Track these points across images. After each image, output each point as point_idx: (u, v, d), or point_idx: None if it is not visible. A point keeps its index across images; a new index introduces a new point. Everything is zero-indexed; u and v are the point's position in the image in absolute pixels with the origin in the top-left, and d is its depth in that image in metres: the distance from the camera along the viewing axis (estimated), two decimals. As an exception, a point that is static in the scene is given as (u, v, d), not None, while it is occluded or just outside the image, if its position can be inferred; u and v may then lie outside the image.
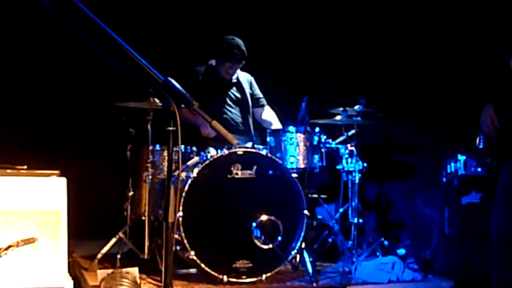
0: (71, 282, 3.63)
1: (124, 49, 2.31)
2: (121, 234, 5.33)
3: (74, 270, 5.11)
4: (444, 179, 5.77)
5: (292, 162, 5.35)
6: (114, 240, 5.32)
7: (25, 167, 3.64)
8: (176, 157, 4.59)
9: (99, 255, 5.25)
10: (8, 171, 3.57)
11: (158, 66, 2.44)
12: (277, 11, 7.01)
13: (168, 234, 2.32)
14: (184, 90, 2.38)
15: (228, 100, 5.99)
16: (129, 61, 2.40)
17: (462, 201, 5.47)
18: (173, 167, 5.61)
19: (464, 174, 5.50)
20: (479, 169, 5.40)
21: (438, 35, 6.43)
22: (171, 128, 2.33)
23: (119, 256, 5.25)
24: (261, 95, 6.27)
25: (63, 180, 3.53)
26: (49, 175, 3.56)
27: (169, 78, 2.37)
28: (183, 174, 5.06)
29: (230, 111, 5.92)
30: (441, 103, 6.40)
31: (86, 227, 5.43)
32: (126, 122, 5.58)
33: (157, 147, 5.52)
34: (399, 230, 6.87)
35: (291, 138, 5.38)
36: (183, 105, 2.36)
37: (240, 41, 5.92)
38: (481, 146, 5.00)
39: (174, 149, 2.40)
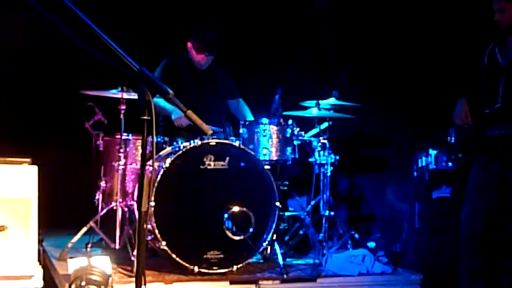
0: (41, 270, 3.61)
1: (99, 36, 2.29)
2: (92, 224, 5.31)
3: (44, 259, 5.06)
4: (415, 173, 5.81)
5: (264, 154, 5.35)
6: (85, 229, 5.30)
7: (-4, 154, 3.61)
8: (150, 147, 4.60)
9: (70, 244, 5.22)
10: (-21, 158, 3.54)
11: (132, 56, 2.43)
12: (252, 1, 7.00)
13: (141, 223, 2.31)
14: (159, 80, 2.37)
15: (202, 90, 5.98)
16: (103, 49, 2.39)
17: (433, 195, 5.52)
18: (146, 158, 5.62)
19: (435, 169, 5.54)
20: (450, 164, 5.44)
21: (411, 28, 6.45)
22: (145, 117, 2.32)
23: (89, 245, 5.23)
24: (234, 87, 6.28)
25: (35, 168, 3.51)
26: (20, 163, 3.53)
27: (144, 68, 2.35)
28: (155, 164, 5.05)
29: (204, 102, 5.89)
30: (413, 97, 6.43)
31: (57, 215, 5.40)
32: (98, 111, 5.54)
33: (130, 136, 5.50)
34: (370, 223, 6.91)
35: (264, 130, 5.39)
36: (157, 95, 2.36)
37: (214, 33, 5.92)
38: (452, 141, 5.04)
39: (148, 139, 2.38)
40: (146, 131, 2.29)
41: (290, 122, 5.52)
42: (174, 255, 4.78)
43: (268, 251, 5.37)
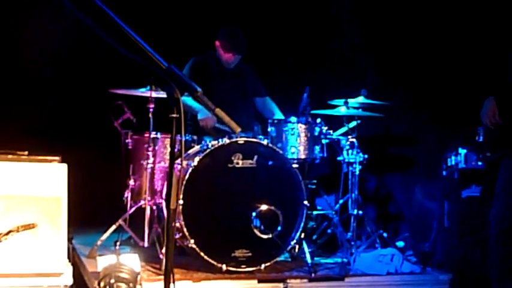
0: (70, 268, 3.64)
1: (128, 35, 2.30)
2: (121, 222, 5.34)
3: (73, 256, 5.12)
4: (444, 172, 5.77)
5: (293, 153, 5.35)
6: (114, 227, 5.33)
7: (26, 152, 3.65)
8: (178, 145, 4.60)
9: (99, 242, 5.25)
10: (9, 156, 3.58)
11: (160, 54, 2.44)
12: (279, 0, 7.00)
13: (169, 221, 2.31)
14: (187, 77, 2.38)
15: (229, 89, 5.99)
16: (132, 47, 2.40)
17: (462, 195, 5.48)
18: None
19: (464, 168, 5.50)
20: (479, 163, 5.40)
21: (440, 27, 6.41)
22: (174, 115, 2.32)
23: (118, 243, 5.25)
24: (261, 86, 6.28)
25: (64, 167, 3.54)
26: (50, 161, 3.56)
27: (173, 65, 2.36)
28: (184, 163, 5.06)
29: (231, 100, 5.90)
30: (442, 96, 6.39)
31: (86, 213, 5.44)
32: (127, 109, 5.57)
33: (158, 135, 5.52)
34: (398, 222, 6.86)
35: (292, 129, 5.39)
36: (186, 93, 2.36)
37: (241, 32, 5.93)
38: (480, 140, 5.00)
39: (177, 137, 2.39)
40: (175, 129, 2.29)
41: (318, 120, 5.51)
42: (202, 253, 4.78)
43: (296, 249, 5.36)
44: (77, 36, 5.76)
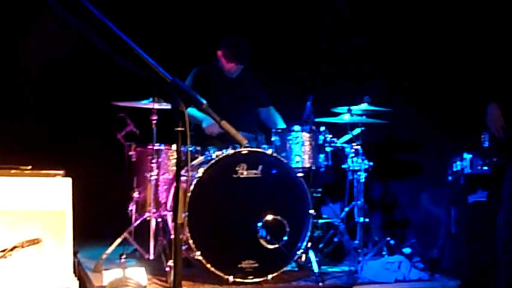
0: (77, 282, 3.63)
1: (132, 49, 2.29)
2: (126, 235, 5.31)
3: (79, 270, 5.09)
4: (450, 178, 5.74)
5: (297, 162, 5.33)
6: (119, 240, 5.30)
7: (29, 167, 3.63)
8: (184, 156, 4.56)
9: (104, 256, 5.22)
10: (13, 171, 3.56)
11: (161, 66, 2.42)
12: (282, 9, 6.98)
13: (177, 235, 2.29)
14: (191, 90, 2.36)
15: (232, 99, 5.97)
16: (136, 60, 2.38)
17: (469, 200, 5.45)
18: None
19: (470, 173, 5.47)
20: (485, 168, 5.37)
21: (442, 32, 6.39)
22: (179, 129, 2.30)
23: (124, 256, 5.23)
24: (265, 95, 6.26)
25: (68, 181, 3.53)
26: (54, 175, 3.55)
27: (177, 79, 2.34)
28: (189, 174, 5.03)
29: (235, 110, 5.88)
30: (446, 101, 6.37)
31: (90, 227, 5.41)
32: (130, 121, 5.56)
33: (162, 146, 5.51)
34: (405, 228, 6.83)
35: (296, 138, 5.37)
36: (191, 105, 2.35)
37: (244, 41, 5.92)
38: (486, 145, 4.98)
39: (181, 148, 2.37)
40: (181, 142, 2.28)
41: (322, 128, 5.50)
42: (208, 265, 4.76)
43: (303, 258, 5.33)
44: (80, 49, 5.74)
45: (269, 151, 5.08)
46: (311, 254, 5.17)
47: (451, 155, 5.75)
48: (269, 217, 4.93)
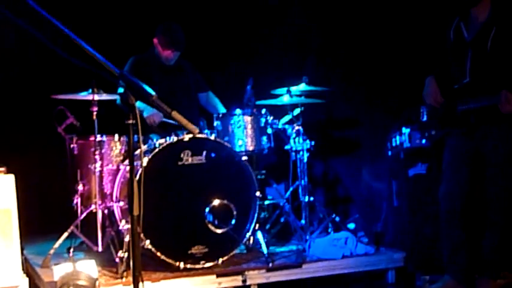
0: (26, 279, 3.59)
1: (76, 42, 2.27)
2: (73, 228, 5.27)
3: (27, 267, 5.03)
4: (390, 152, 5.83)
5: (240, 145, 5.37)
6: (66, 234, 5.26)
7: (-31, 165, 3.57)
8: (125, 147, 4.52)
9: (52, 251, 5.18)
10: (-48, 171, 3.49)
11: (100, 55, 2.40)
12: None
13: (133, 227, 2.30)
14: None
15: (172, 86, 5.95)
16: (74, 53, 2.36)
17: (409, 173, 5.56)
18: (121, 158, 5.58)
19: (409, 147, 5.57)
20: (423, 141, 5.48)
21: (377, 7, 6.44)
22: (130, 121, 2.31)
23: (72, 250, 5.20)
24: (203, 80, 6.27)
25: (11, 177, 3.47)
26: (-5, 173, 3.49)
27: (125, 71, 2.34)
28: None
29: (175, 97, 5.86)
30: (382, 77, 6.45)
31: (35, 222, 5.36)
32: (70, 114, 5.51)
33: (104, 137, 5.47)
34: (348, 204, 6.93)
35: (238, 121, 5.40)
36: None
37: (179, 27, 5.89)
38: (424, 119, 5.08)
39: (123, 139, 2.38)
40: (132, 135, 2.28)
41: (263, 111, 5.54)
42: (158, 253, 4.76)
43: (251, 241, 5.38)
44: (17, 42, 5.65)
45: (212, 136, 5.09)
46: (259, 236, 5.23)
47: (389, 130, 5.85)
48: (216, 202, 4.95)
